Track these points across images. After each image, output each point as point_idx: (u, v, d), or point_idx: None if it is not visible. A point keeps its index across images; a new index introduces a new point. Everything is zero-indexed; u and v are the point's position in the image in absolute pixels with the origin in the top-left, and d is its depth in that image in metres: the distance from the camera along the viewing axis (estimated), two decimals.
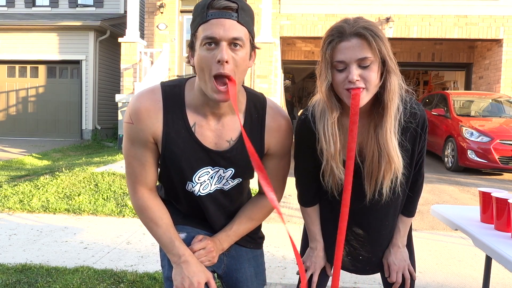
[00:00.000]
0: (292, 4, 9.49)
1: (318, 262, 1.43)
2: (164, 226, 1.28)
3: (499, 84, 9.41)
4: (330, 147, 1.23)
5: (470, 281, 2.69)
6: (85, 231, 3.58)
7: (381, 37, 1.17)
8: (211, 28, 1.11)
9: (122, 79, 8.68)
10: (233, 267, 1.43)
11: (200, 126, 1.24)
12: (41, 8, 12.59)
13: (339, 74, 1.18)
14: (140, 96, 1.23)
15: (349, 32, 1.16)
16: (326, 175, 1.29)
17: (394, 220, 1.39)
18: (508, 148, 6.30)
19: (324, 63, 1.21)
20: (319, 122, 1.26)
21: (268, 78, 8.24)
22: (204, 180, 1.29)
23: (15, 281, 2.47)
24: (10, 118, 11.81)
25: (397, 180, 1.25)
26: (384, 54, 1.17)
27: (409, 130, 1.26)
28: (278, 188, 1.40)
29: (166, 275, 1.34)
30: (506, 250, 1.25)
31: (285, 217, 3.92)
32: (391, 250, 1.41)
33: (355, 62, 1.15)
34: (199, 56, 1.13)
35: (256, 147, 1.28)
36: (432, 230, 3.80)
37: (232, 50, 1.12)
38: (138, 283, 2.49)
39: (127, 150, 1.26)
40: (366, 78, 1.16)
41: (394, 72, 1.20)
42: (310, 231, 1.45)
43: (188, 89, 1.25)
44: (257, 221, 1.42)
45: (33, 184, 4.92)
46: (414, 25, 9.44)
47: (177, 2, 9.69)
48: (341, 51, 1.17)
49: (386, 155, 1.22)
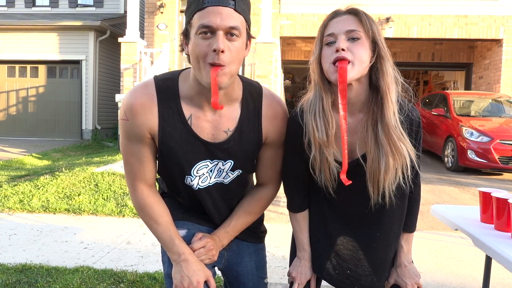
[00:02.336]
0: (292, 4, 9.49)
1: (305, 273, 1.37)
2: (164, 224, 1.27)
3: (499, 84, 9.41)
4: (323, 135, 1.18)
5: (470, 281, 2.69)
6: (85, 231, 3.57)
7: (374, 21, 1.18)
8: (207, 16, 1.08)
9: (122, 79, 8.67)
10: (234, 261, 1.43)
11: (196, 117, 1.22)
12: (41, 8, 12.59)
13: (328, 48, 1.17)
14: (133, 92, 1.21)
15: (343, 11, 1.19)
16: (317, 169, 1.24)
17: (387, 235, 1.30)
18: (508, 148, 6.30)
19: (316, 41, 1.21)
20: (308, 113, 1.22)
21: (268, 78, 8.24)
22: (203, 173, 1.28)
23: (15, 281, 2.47)
24: (10, 118, 11.81)
25: (407, 172, 1.19)
26: (375, 34, 1.16)
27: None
28: (277, 178, 1.39)
29: (166, 272, 1.33)
30: (506, 250, 1.25)
31: (285, 217, 3.92)
32: (398, 271, 1.34)
33: (343, 34, 1.14)
34: (194, 44, 1.11)
35: (254, 137, 1.27)
36: (432, 230, 3.79)
37: (229, 39, 1.10)
38: (138, 283, 2.49)
39: (125, 147, 1.25)
40: (354, 52, 1.13)
41: (388, 59, 1.18)
42: (298, 240, 1.38)
43: (182, 81, 1.23)
44: (255, 215, 1.40)
45: (33, 184, 4.92)
46: (414, 25, 9.44)
47: (177, 2, 9.68)
48: (332, 25, 1.18)
49: (389, 149, 1.16)
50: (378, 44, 1.17)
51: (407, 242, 1.35)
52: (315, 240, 1.37)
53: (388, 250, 1.32)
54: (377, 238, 1.29)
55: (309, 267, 1.38)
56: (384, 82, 1.16)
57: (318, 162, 1.22)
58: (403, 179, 1.21)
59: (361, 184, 1.24)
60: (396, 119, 1.17)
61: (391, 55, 1.21)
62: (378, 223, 1.28)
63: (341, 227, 1.32)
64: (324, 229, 1.35)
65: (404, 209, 1.31)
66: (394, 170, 1.18)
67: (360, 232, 1.31)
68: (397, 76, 1.21)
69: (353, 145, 1.24)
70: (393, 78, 1.18)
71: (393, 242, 1.32)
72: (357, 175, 1.24)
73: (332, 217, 1.34)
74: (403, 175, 1.20)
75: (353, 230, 1.32)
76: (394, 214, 1.28)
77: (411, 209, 1.33)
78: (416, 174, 1.28)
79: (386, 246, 1.31)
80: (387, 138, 1.16)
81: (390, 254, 1.33)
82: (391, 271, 1.37)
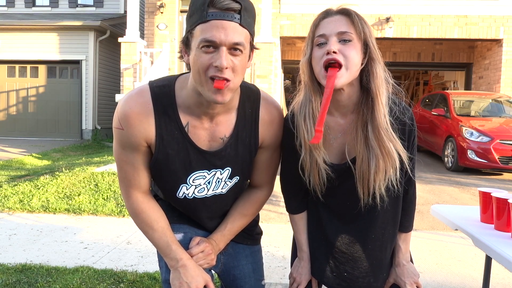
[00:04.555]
0: (292, 4, 9.48)
1: (304, 274, 1.38)
2: (160, 229, 1.25)
3: (499, 84, 9.40)
4: (312, 136, 1.16)
5: (470, 281, 2.69)
6: (85, 231, 3.57)
7: (366, 22, 1.16)
8: (211, 31, 1.03)
9: (122, 79, 8.67)
10: (231, 265, 1.42)
11: (193, 126, 1.19)
12: (41, 8, 12.58)
13: (319, 50, 1.15)
14: (128, 100, 1.16)
15: (334, 11, 1.17)
16: (306, 171, 1.23)
17: (381, 235, 1.29)
18: (508, 148, 6.30)
19: (307, 41, 1.19)
20: (299, 116, 1.22)
21: (268, 78, 8.23)
22: (200, 184, 1.26)
23: (15, 281, 2.47)
24: (10, 118, 11.81)
25: (397, 173, 1.18)
26: (367, 36, 1.15)
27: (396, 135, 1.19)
28: (271, 180, 1.39)
29: (164, 278, 1.31)
30: (506, 250, 1.25)
31: (285, 217, 3.92)
32: (396, 271, 1.35)
33: (335, 36, 1.13)
34: (196, 57, 1.06)
35: (250, 141, 1.26)
36: (432, 230, 3.79)
37: (232, 54, 1.06)
38: (138, 283, 2.49)
39: (119, 155, 1.21)
40: (346, 54, 1.11)
41: (379, 61, 1.17)
42: (297, 241, 1.40)
43: (178, 88, 1.19)
44: (250, 217, 1.39)
45: (33, 184, 4.92)
46: (414, 25, 9.43)
47: (177, 2, 9.68)
48: (323, 26, 1.16)
49: (379, 152, 1.15)
50: (369, 46, 1.16)
51: (404, 241, 1.35)
52: (312, 242, 1.38)
53: (384, 251, 1.32)
54: (371, 240, 1.29)
55: (308, 268, 1.38)
56: (374, 84, 1.15)
57: (308, 164, 1.22)
58: (395, 181, 1.20)
59: (350, 187, 1.23)
60: (386, 121, 1.16)
61: (392, 55, 1.20)
62: (372, 224, 1.28)
63: (336, 230, 1.32)
64: (320, 232, 1.35)
65: (397, 210, 1.30)
66: (383, 171, 1.17)
67: (354, 234, 1.31)
68: (388, 78, 1.20)
69: (343, 147, 1.24)
70: (383, 80, 1.17)
71: (388, 243, 1.32)
72: (347, 178, 1.24)
73: (328, 220, 1.34)
74: (394, 176, 1.19)
75: (348, 232, 1.31)
76: (387, 215, 1.28)
77: (407, 209, 1.32)
78: (408, 176, 1.27)
79: (381, 247, 1.31)
80: (376, 139, 1.16)
81: (386, 255, 1.33)
82: (390, 271, 1.37)
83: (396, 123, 1.20)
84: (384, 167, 1.17)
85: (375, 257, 1.31)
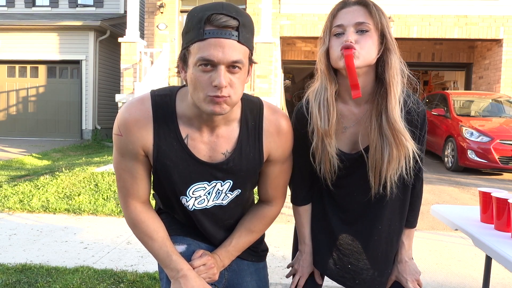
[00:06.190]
0: (292, 4, 9.48)
1: (306, 266, 1.38)
2: (160, 240, 1.21)
3: (499, 84, 9.40)
4: (325, 124, 1.19)
5: (470, 281, 2.69)
6: (85, 231, 3.57)
7: (383, 12, 1.17)
8: (208, 49, 1.00)
9: (122, 79, 8.67)
10: (235, 281, 1.36)
11: (192, 139, 1.16)
12: (41, 8, 12.59)
13: (336, 39, 1.16)
14: (129, 107, 1.15)
15: (352, 1, 1.18)
16: (317, 158, 1.24)
17: (388, 227, 1.30)
18: (508, 148, 6.30)
19: (324, 31, 1.20)
20: (314, 102, 1.23)
21: (268, 78, 8.23)
22: (200, 195, 1.23)
23: (15, 281, 2.47)
24: (10, 118, 11.81)
25: (410, 162, 1.19)
26: (384, 27, 1.16)
27: (408, 127, 1.21)
28: (280, 195, 1.34)
29: None
30: (506, 250, 1.25)
31: (285, 217, 3.92)
32: (398, 267, 1.35)
33: (352, 26, 1.14)
34: (194, 75, 1.04)
35: (255, 156, 1.22)
36: (432, 230, 3.79)
37: (230, 71, 1.03)
38: (138, 283, 2.49)
39: (118, 163, 1.19)
40: (362, 45, 1.13)
41: (395, 52, 1.18)
42: (300, 233, 1.40)
43: (180, 99, 1.17)
44: (258, 233, 1.35)
45: (33, 184, 4.92)
46: (414, 25, 9.43)
47: (177, 2, 9.68)
48: (341, 16, 1.17)
49: (393, 141, 1.16)
50: (386, 36, 1.17)
51: (408, 238, 1.36)
52: (316, 234, 1.38)
53: (389, 243, 1.32)
54: (378, 231, 1.30)
55: (310, 261, 1.39)
56: (389, 74, 1.17)
57: (320, 152, 1.23)
58: (406, 170, 1.21)
59: (361, 176, 1.25)
60: (399, 111, 1.17)
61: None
62: (379, 215, 1.29)
63: (341, 221, 1.33)
64: (324, 224, 1.35)
65: (405, 202, 1.31)
66: (397, 160, 1.19)
67: (361, 225, 1.31)
68: (404, 68, 1.22)
69: (354, 136, 1.25)
70: (398, 71, 1.19)
71: (394, 236, 1.32)
72: (358, 167, 1.25)
73: (333, 211, 1.34)
74: (406, 166, 1.21)
75: (354, 223, 1.32)
76: (395, 206, 1.29)
77: (413, 204, 1.34)
78: (419, 167, 1.28)
79: (387, 239, 1.31)
80: (390, 129, 1.17)
81: (391, 249, 1.34)
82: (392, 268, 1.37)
83: (410, 114, 1.22)
84: (397, 156, 1.18)
85: (381, 250, 1.31)
